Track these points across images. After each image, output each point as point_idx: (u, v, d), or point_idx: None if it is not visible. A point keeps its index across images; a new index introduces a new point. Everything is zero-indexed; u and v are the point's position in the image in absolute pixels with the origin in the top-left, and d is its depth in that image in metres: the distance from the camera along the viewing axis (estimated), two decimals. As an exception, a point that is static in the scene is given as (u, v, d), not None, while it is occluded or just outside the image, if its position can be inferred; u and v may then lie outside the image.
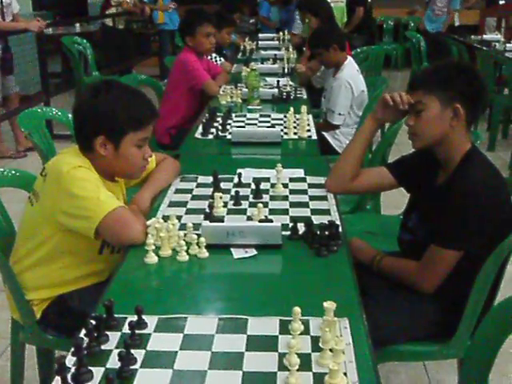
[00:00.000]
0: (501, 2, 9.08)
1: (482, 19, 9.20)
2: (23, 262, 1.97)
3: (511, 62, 5.95)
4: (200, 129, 3.17)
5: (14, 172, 2.26)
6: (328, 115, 3.88)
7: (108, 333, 1.39)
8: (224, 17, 5.20)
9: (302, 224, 1.90)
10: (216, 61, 4.76)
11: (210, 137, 3.07)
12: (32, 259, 1.96)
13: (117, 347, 1.35)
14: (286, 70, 4.90)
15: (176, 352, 1.34)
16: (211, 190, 2.24)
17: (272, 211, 2.09)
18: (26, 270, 1.97)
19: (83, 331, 1.37)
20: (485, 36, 7.94)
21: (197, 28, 4.04)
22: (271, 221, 1.94)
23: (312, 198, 2.22)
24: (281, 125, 3.23)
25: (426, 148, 1.97)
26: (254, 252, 1.82)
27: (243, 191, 2.23)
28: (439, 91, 1.88)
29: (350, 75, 3.86)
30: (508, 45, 6.79)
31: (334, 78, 3.96)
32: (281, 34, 6.99)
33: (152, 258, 1.76)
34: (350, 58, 4.00)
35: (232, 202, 2.16)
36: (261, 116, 3.47)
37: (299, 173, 2.47)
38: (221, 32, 4.96)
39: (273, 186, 2.30)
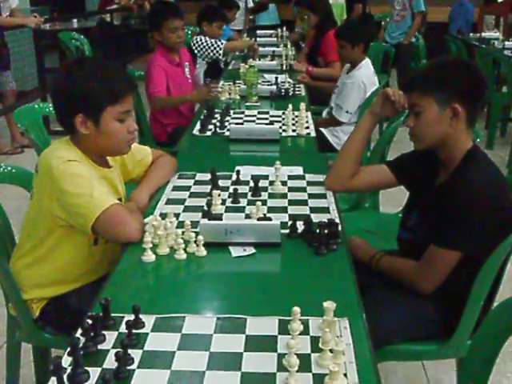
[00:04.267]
0: (499, 0, 9.07)
1: (480, 17, 9.18)
2: (26, 258, 1.96)
3: (510, 59, 5.95)
4: (198, 125, 3.15)
5: (10, 168, 2.24)
6: (335, 110, 3.86)
7: (105, 332, 1.38)
8: (215, 11, 5.17)
9: (301, 222, 1.89)
10: (218, 45, 4.73)
11: (208, 133, 3.06)
12: (34, 255, 1.94)
13: (114, 347, 1.34)
14: (284, 67, 4.89)
15: (174, 352, 1.33)
16: (209, 187, 2.22)
17: (271, 209, 2.07)
18: (28, 266, 1.96)
19: (79, 331, 1.35)
20: (483, 34, 7.92)
21: (163, 23, 3.97)
22: (270, 219, 1.92)
23: (311, 195, 2.20)
24: (279, 122, 3.22)
25: (427, 148, 1.96)
26: (252, 250, 1.80)
27: (241, 189, 2.21)
28: (435, 92, 1.85)
29: (366, 75, 3.83)
30: (507, 43, 6.79)
31: (348, 75, 3.92)
32: (279, 30, 6.97)
33: (149, 256, 1.74)
34: (367, 59, 3.95)
35: (230, 199, 2.14)
36: (259, 113, 3.46)
37: (298, 170, 2.45)
38: (211, 26, 4.94)
39: (271, 183, 2.28)
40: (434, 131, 1.88)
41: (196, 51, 4.69)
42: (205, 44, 4.70)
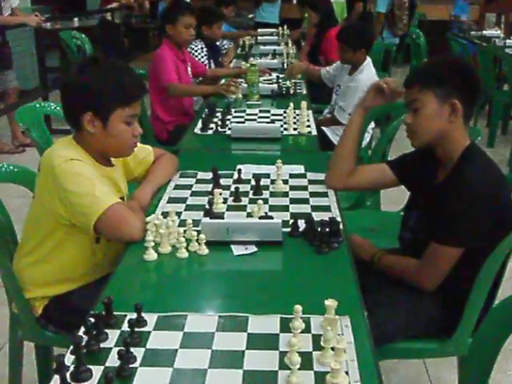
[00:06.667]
0: (500, -2, 9.06)
1: (481, 15, 9.17)
2: (28, 257, 1.96)
3: (511, 57, 5.94)
4: (199, 124, 3.16)
5: (12, 167, 2.24)
6: (338, 112, 3.84)
7: (107, 331, 1.38)
8: (212, 12, 5.16)
9: (303, 221, 1.89)
10: (224, 48, 4.73)
11: (210, 132, 3.06)
12: (37, 254, 1.95)
13: (116, 345, 1.34)
14: (285, 65, 4.88)
15: (176, 350, 1.33)
16: (211, 186, 2.22)
17: (272, 208, 2.08)
18: (31, 265, 1.96)
19: (82, 329, 1.36)
20: (484, 32, 7.92)
21: (178, 17, 4.00)
22: (271, 217, 1.93)
23: (312, 194, 2.20)
24: (280, 120, 3.22)
25: (424, 146, 1.97)
26: (254, 249, 1.80)
27: (243, 187, 2.21)
28: (435, 87, 1.88)
29: (369, 78, 3.77)
30: (508, 41, 6.78)
31: (352, 77, 3.88)
32: (280, 29, 6.97)
33: (151, 255, 1.75)
34: (368, 59, 3.91)
35: (232, 198, 2.15)
36: (260, 111, 3.46)
37: (299, 169, 2.45)
38: (211, 28, 4.94)
39: (273, 182, 2.29)
40: (433, 126, 1.90)
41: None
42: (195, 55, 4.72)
